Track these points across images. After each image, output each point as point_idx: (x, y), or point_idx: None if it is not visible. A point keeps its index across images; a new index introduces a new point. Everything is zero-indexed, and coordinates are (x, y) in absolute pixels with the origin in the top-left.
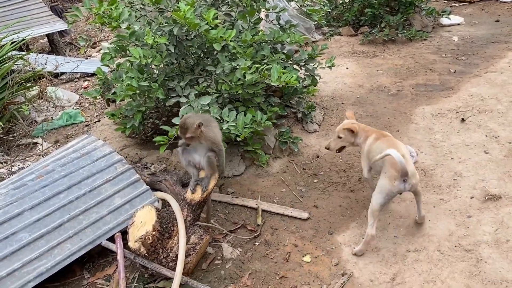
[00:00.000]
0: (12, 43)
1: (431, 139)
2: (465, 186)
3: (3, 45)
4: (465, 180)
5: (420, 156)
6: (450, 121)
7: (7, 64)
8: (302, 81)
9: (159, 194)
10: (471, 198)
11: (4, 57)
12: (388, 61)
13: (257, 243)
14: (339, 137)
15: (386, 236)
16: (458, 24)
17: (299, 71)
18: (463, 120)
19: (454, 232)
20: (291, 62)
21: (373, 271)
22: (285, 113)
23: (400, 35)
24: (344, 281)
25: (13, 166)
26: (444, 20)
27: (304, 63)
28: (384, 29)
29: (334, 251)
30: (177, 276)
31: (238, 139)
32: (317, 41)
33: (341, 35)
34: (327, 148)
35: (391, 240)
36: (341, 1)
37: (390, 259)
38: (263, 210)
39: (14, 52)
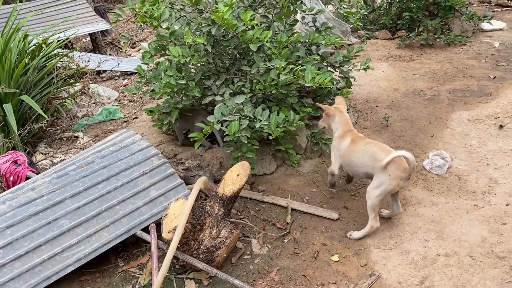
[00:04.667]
0: (58, 41)
1: (466, 145)
2: (500, 193)
3: (50, 43)
4: (501, 187)
5: (454, 162)
6: (487, 127)
7: (53, 61)
8: (337, 83)
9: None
10: (507, 205)
11: (51, 54)
12: (425, 65)
13: (286, 241)
14: (322, 117)
15: (416, 239)
16: (500, 29)
17: (333, 72)
18: (501, 126)
19: (487, 238)
20: (325, 63)
21: (402, 273)
22: (318, 114)
23: (438, 40)
24: (371, 282)
25: (55, 157)
26: (485, 25)
27: (338, 65)
28: (422, 33)
29: (363, 252)
30: (171, 249)
31: (270, 137)
32: (353, 44)
33: (378, 38)
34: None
35: (421, 243)
36: (378, 5)
37: (419, 262)
38: (292, 209)
39: (59, 50)
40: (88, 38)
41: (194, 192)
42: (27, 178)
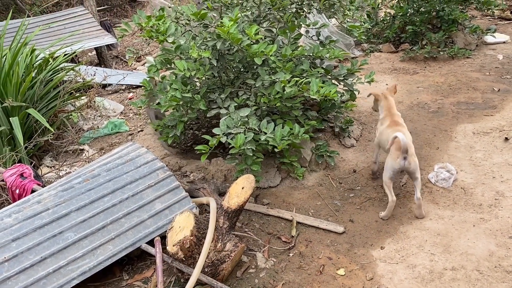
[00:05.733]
0: (65, 55)
1: (472, 158)
2: (507, 206)
3: (57, 57)
4: (507, 200)
5: (460, 174)
6: (492, 140)
7: (59, 75)
8: (341, 96)
9: (198, 199)
10: None
11: (57, 68)
12: (429, 78)
13: (291, 254)
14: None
15: (423, 253)
16: (504, 42)
17: (337, 85)
18: (506, 139)
19: (494, 252)
20: (330, 77)
21: (408, 287)
22: (323, 127)
23: (441, 53)
24: None
25: (61, 170)
26: (489, 38)
27: (343, 78)
28: (425, 46)
29: (369, 266)
30: (197, 267)
31: (275, 150)
32: (357, 57)
33: (381, 51)
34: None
35: (428, 257)
36: (381, 18)
37: (426, 276)
38: (298, 222)
39: (66, 64)
40: (94, 52)
41: (212, 221)
42: (33, 191)
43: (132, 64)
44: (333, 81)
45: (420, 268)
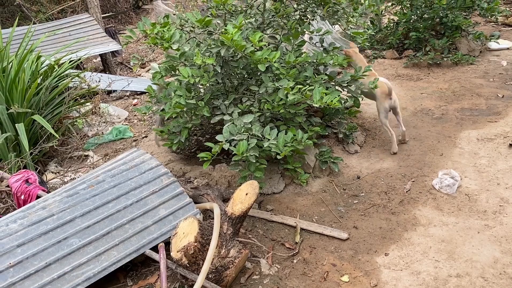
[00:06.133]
0: (70, 61)
1: (476, 164)
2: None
3: (62, 64)
4: None
5: (464, 181)
6: (496, 146)
7: (65, 81)
8: (344, 102)
9: (202, 205)
10: None
11: (63, 74)
12: (433, 84)
13: (295, 261)
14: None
15: (427, 259)
16: (507, 48)
17: (341, 92)
18: (510, 145)
19: (499, 259)
20: (333, 83)
21: None
22: (326, 133)
23: (445, 59)
24: None
25: (66, 176)
26: (492, 45)
27: (346, 84)
28: (429, 52)
29: (373, 273)
30: (202, 274)
31: (278, 157)
32: None
33: (385, 58)
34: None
35: (432, 264)
36: (385, 25)
37: (430, 283)
38: (301, 229)
39: (71, 70)
40: (99, 59)
41: (216, 227)
42: (38, 197)
43: (136, 70)
44: (337, 87)
45: (424, 275)
